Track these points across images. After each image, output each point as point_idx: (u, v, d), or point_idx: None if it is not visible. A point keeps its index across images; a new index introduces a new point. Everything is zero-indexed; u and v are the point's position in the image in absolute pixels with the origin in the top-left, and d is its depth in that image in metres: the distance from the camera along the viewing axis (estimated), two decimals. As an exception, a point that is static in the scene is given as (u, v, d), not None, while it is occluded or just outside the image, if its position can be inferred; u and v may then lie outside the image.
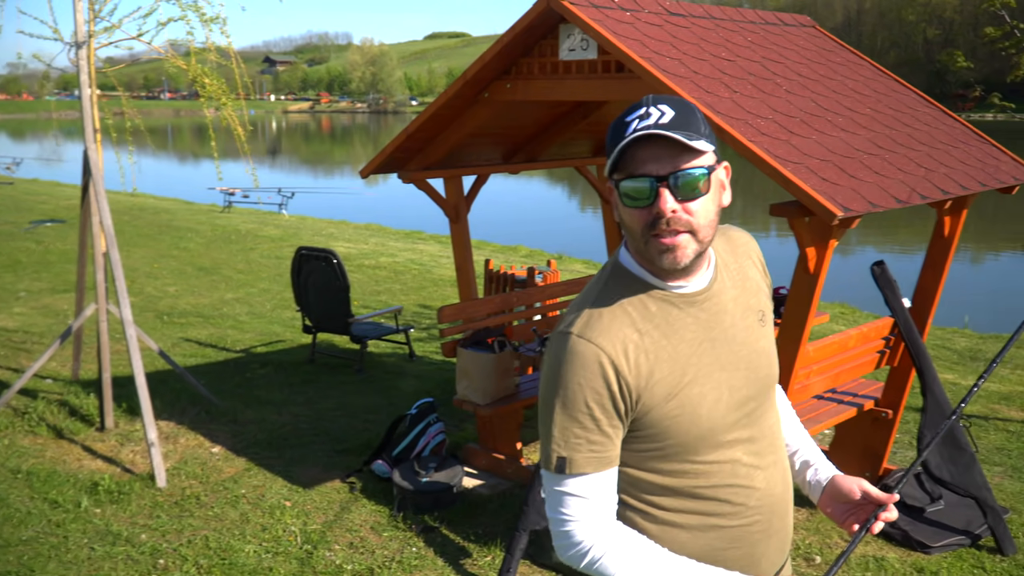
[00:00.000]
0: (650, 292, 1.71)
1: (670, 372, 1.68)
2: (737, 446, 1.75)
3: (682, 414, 1.68)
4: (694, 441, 1.70)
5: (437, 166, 5.41)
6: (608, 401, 1.65)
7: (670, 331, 1.70)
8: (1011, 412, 6.87)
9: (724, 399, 1.72)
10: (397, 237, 17.74)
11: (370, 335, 7.78)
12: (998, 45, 6.31)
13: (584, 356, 1.65)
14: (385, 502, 5.03)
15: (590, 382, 1.64)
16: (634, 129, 1.61)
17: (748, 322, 1.80)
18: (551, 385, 1.69)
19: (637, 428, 1.70)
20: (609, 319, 1.68)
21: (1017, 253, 18.69)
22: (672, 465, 1.73)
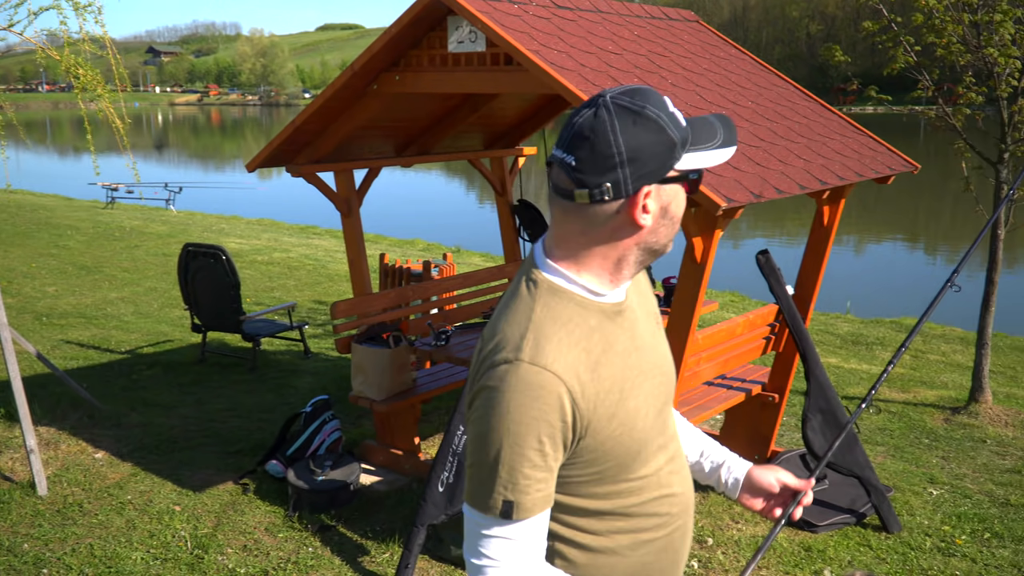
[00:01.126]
0: (586, 306, 1.59)
1: (610, 389, 1.57)
2: (660, 455, 1.71)
3: (623, 432, 1.59)
4: (631, 458, 1.63)
5: (327, 159, 5.32)
6: (560, 434, 1.51)
7: (608, 346, 1.60)
8: (892, 394, 7.19)
9: (651, 410, 1.66)
10: (291, 232, 17.41)
11: (263, 333, 7.61)
12: (876, 39, 6.53)
13: (539, 387, 1.48)
14: (280, 503, 4.93)
15: (546, 415, 1.49)
16: (688, 119, 1.57)
17: (651, 327, 1.75)
18: (497, 421, 1.49)
19: (578, 455, 1.58)
20: (557, 342, 1.53)
21: (897, 241, 19.56)
22: (607, 487, 1.63)
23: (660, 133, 1.50)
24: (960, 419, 6.46)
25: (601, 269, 1.60)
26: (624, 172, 1.50)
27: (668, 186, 1.55)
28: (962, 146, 6.48)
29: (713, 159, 1.58)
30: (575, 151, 1.52)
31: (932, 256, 18.27)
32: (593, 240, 1.57)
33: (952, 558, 4.47)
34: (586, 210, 1.54)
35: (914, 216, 22.41)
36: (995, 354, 8.43)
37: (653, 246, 1.61)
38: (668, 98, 1.56)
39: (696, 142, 1.55)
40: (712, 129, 1.58)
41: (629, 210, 1.53)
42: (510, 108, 6.32)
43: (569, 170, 1.52)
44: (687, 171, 1.56)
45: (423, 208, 23.87)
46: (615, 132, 1.49)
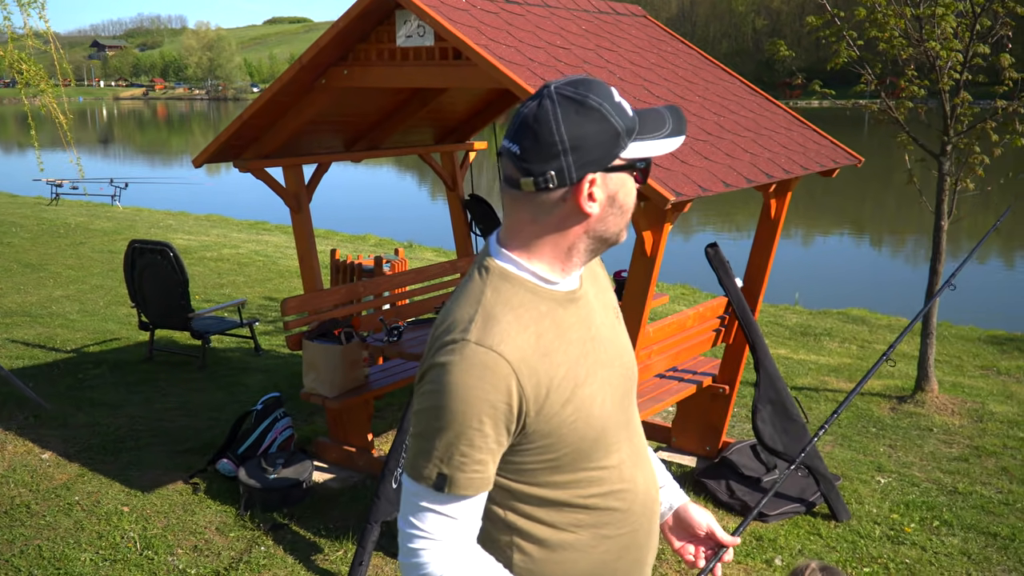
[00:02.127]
0: (537, 292, 1.61)
1: (565, 375, 1.58)
2: (622, 447, 1.70)
3: (578, 419, 1.59)
4: (589, 446, 1.62)
5: (275, 154, 5.26)
6: (503, 416, 1.52)
7: (560, 332, 1.60)
8: (840, 383, 7.31)
9: (608, 398, 1.66)
10: (240, 228, 17.19)
11: (212, 330, 7.51)
12: (819, 34, 6.61)
13: (484, 367, 1.50)
14: (231, 502, 4.88)
15: (488, 396, 1.50)
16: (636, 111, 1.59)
17: (610, 319, 1.75)
18: (440, 398, 1.51)
19: (531, 440, 1.58)
20: (507, 324, 1.54)
21: (844, 233, 19.89)
22: (565, 476, 1.63)
23: (603, 122, 1.53)
24: (907, 408, 6.59)
25: (552, 257, 1.61)
26: (567, 160, 1.53)
27: (615, 175, 1.58)
28: (905, 139, 6.59)
29: (661, 148, 1.61)
30: (520, 140, 1.55)
31: (878, 248, 18.61)
32: (542, 228, 1.59)
33: (901, 546, 4.55)
34: (533, 198, 1.57)
35: (860, 208, 22.81)
36: (940, 344, 8.62)
37: (603, 234, 1.62)
38: (615, 89, 1.59)
39: (644, 131, 1.58)
40: (661, 119, 1.61)
41: (575, 198, 1.56)
42: (460, 103, 6.30)
43: (515, 159, 1.56)
44: (633, 160, 1.58)
45: (375, 203, 23.73)
46: (557, 121, 1.52)
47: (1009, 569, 4.35)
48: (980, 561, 4.42)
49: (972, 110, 6.28)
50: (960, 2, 6.04)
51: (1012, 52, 6.26)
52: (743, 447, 5.41)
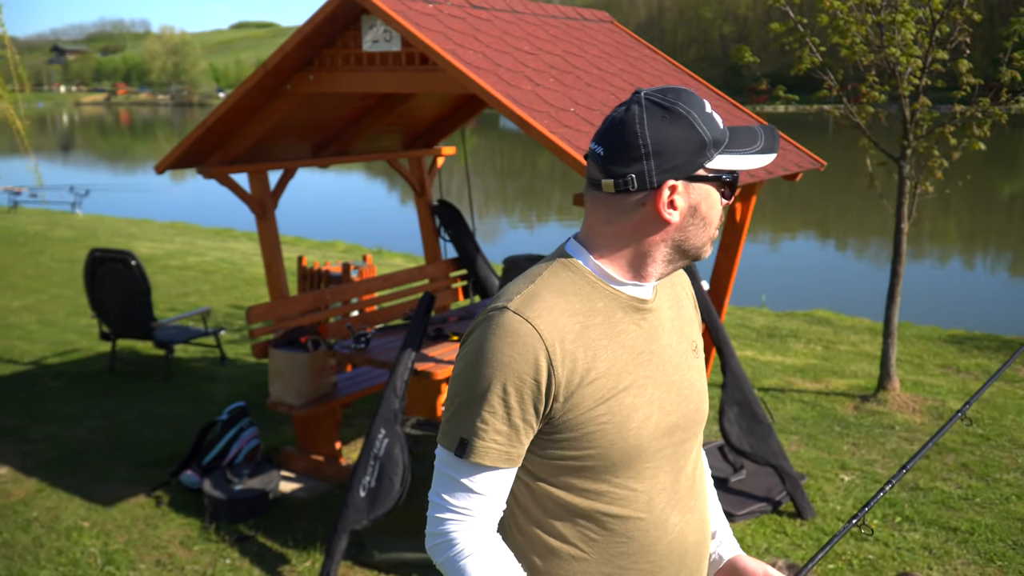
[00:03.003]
0: (597, 288, 1.59)
1: (606, 374, 1.55)
2: (659, 477, 1.64)
3: (610, 423, 1.55)
4: (618, 456, 1.58)
5: (240, 160, 5.22)
6: (529, 391, 1.51)
7: (612, 332, 1.58)
8: (804, 384, 7.37)
9: (654, 419, 1.60)
10: (206, 235, 17.03)
11: (176, 339, 7.42)
12: (783, 40, 6.67)
13: (515, 335, 1.50)
14: (196, 514, 4.82)
15: (514, 364, 1.49)
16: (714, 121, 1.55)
17: (682, 348, 1.71)
18: (471, 359, 1.53)
19: (558, 430, 1.55)
20: (552, 302, 1.54)
21: (810, 235, 20.09)
22: (587, 483, 1.59)
23: (689, 129, 1.52)
24: (869, 407, 6.67)
25: (625, 261, 1.60)
26: (649, 164, 1.52)
27: (698, 185, 1.56)
28: (866, 143, 6.68)
29: (750, 163, 1.58)
30: (605, 142, 1.56)
31: (842, 250, 18.82)
32: (618, 230, 1.58)
33: (865, 542, 4.60)
34: (612, 200, 1.57)
35: (825, 211, 23.06)
36: (902, 343, 8.72)
37: (682, 245, 1.60)
38: (708, 101, 1.58)
39: (733, 145, 1.56)
40: (753, 135, 1.59)
41: (654, 203, 1.55)
42: (427, 108, 6.29)
43: (598, 159, 1.57)
44: (719, 171, 1.56)
45: (343, 209, 23.61)
46: (643, 124, 1.52)
47: (968, 562, 4.42)
48: (941, 555, 4.48)
49: (931, 115, 6.38)
50: (920, 9, 6.13)
51: (970, 58, 6.37)
52: (710, 448, 5.44)
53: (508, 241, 18.64)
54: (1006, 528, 4.77)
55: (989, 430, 6.25)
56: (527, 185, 32.48)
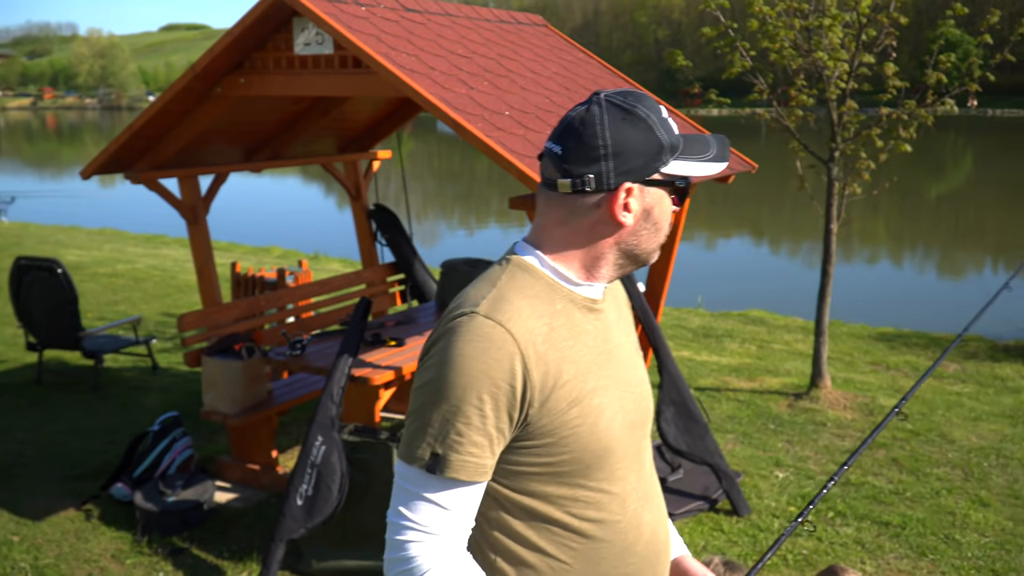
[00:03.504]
0: (555, 289, 1.56)
1: (575, 375, 1.52)
2: (628, 478, 1.62)
3: (583, 425, 1.52)
4: (591, 459, 1.54)
5: (170, 165, 5.11)
6: (505, 398, 1.45)
7: (574, 334, 1.55)
8: (740, 383, 7.49)
9: (619, 418, 1.59)
10: (136, 242, 16.67)
11: (105, 349, 7.25)
12: (715, 45, 6.77)
13: (489, 340, 1.44)
14: (128, 527, 4.71)
15: (490, 371, 1.43)
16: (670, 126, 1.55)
17: (630, 347, 1.71)
18: (440, 370, 1.46)
19: (530, 436, 1.50)
20: (519, 306, 1.49)
21: (744, 236, 20.43)
22: (562, 489, 1.54)
23: (648, 132, 1.52)
24: (802, 404, 6.80)
25: (577, 262, 1.58)
26: (608, 165, 1.51)
27: (653, 189, 1.55)
28: (796, 146, 6.81)
29: (702, 170, 1.58)
30: (563, 141, 1.54)
31: (775, 251, 19.17)
32: (572, 232, 1.56)
33: (799, 538, 4.68)
34: (568, 200, 1.55)
35: (759, 213, 23.47)
36: (833, 342, 8.91)
37: (634, 249, 1.59)
38: (664, 106, 1.59)
39: (688, 152, 1.56)
40: (706, 143, 1.59)
41: (610, 205, 1.53)
42: (362, 111, 6.24)
43: (555, 159, 1.54)
44: (673, 176, 1.56)
45: (280, 214, 23.31)
46: (603, 125, 1.51)
47: (901, 556, 4.53)
48: (874, 550, 4.59)
49: (858, 118, 6.53)
50: (847, 13, 6.27)
51: (897, 61, 6.53)
52: (649, 450, 5.49)
53: (446, 245, 18.60)
54: (937, 522, 4.89)
55: (919, 425, 6.41)
56: (465, 189, 32.46)
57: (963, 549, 4.59)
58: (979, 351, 8.95)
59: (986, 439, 6.19)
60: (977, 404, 7.04)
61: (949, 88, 6.45)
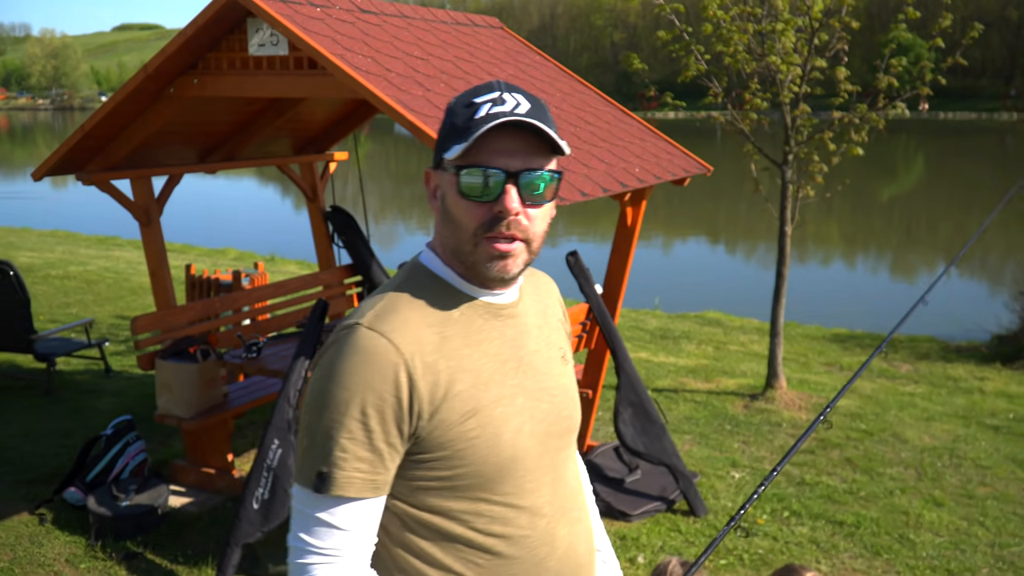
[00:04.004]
0: (454, 295, 1.50)
1: (472, 385, 1.45)
2: (540, 492, 1.53)
3: (482, 436, 1.45)
4: (493, 472, 1.47)
5: (122, 166, 5.04)
6: (391, 411, 1.39)
7: (472, 341, 1.48)
8: (696, 384, 7.56)
9: (527, 429, 1.51)
10: (89, 244, 16.41)
11: (58, 352, 7.13)
12: (670, 48, 6.82)
13: (372, 351, 1.39)
14: (81, 532, 4.64)
15: (373, 384, 1.38)
16: (488, 114, 1.41)
17: (551, 355, 1.62)
18: (324, 384, 1.41)
19: (425, 450, 1.43)
20: (406, 315, 1.44)
21: (701, 238, 20.61)
22: (463, 504, 1.47)
23: (447, 116, 1.49)
24: (758, 405, 6.88)
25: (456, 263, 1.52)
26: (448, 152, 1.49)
27: (443, 175, 1.50)
28: (751, 149, 6.89)
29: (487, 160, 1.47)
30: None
31: (731, 253, 19.39)
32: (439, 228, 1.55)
33: (755, 538, 4.74)
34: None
35: (715, 215, 23.71)
36: (788, 343, 9.03)
37: (455, 249, 1.50)
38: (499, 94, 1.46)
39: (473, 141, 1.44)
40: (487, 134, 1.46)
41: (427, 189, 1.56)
42: (318, 112, 6.21)
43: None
44: (454, 164, 1.46)
45: (235, 215, 23.08)
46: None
47: (856, 555, 4.60)
48: (828, 549, 4.65)
49: (811, 121, 6.63)
50: (799, 18, 6.36)
51: (849, 65, 6.64)
52: (606, 449, 5.52)
53: (405, 247, 18.54)
54: (891, 521, 4.97)
55: (872, 425, 6.52)
56: (423, 191, 31.95)
57: (917, 549, 4.67)
58: (931, 352, 9.14)
59: (939, 439, 6.31)
60: (930, 404, 7.18)
61: (900, 92, 6.57)
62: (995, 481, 5.58)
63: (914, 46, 28.82)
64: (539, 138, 1.44)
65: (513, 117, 1.40)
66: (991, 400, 7.37)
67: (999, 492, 5.41)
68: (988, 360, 8.76)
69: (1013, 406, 7.18)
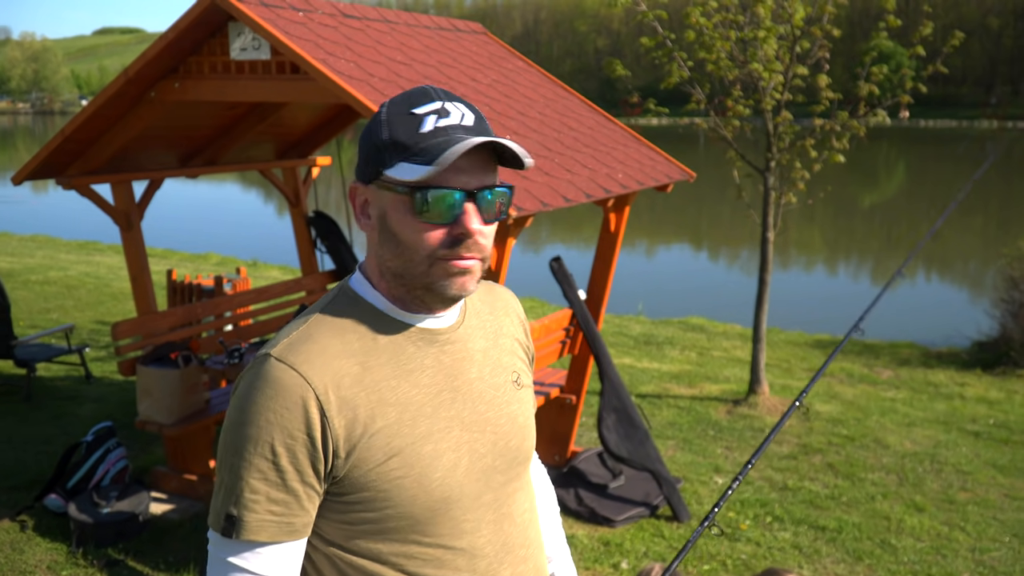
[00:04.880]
0: (383, 321, 1.38)
1: (397, 421, 1.33)
2: (480, 531, 1.42)
3: (407, 476, 1.33)
4: (423, 513, 1.36)
5: (103, 170, 5.01)
6: (303, 448, 1.28)
7: (400, 371, 1.36)
8: (680, 389, 7.58)
9: (463, 465, 1.39)
10: (69, 249, 16.29)
11: (38, 358, 7.07)
12: (652, 55, 6.85)
13: (279, 385, 1.28)
14: (63, 539, 4.59)
15: (282, 420, 1.27)
16: (437, 127, 1.31)
17: (498, 381, 1.48)
18: (234, 418, 1.30)
19: (346, 491, 1.33)
20: (323, 344, 1.32)
21: (684, 244, 20.68)
22: (394, 546, 1.36)
23: (376, 127, 1.35)
24: (741, 410, 6.90)
25: (386, 285, 1.40)
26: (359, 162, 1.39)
27: (384, 193, 1.35)
28: (734, 155, 6.93)
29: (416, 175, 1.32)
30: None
31: (714, 259, 19.45)
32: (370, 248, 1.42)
33: (737, 543, 4.75)
34: None
35: (698, 221, 23.79)
36: (770, 348, 9.07)
37: (393, 268, 1.36)
38: (441, 104, 1.34)
39: (421, 156, 1.31)
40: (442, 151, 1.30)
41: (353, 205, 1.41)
42: (301, 117, 6.19)
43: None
44: (397, 182, 1.32)
45: (217, 220, 22.98)
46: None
47: (838, 560, 4.61)
48: (811, 554, 4.67)
49: (793, 128, 6.67)
50: (781, 26, 6.40)
51: (831, 72, 6.68)
52: (590, 455, 5.52)
53: (389, 252, 18.47)
54: (873, 526, 4.99)
55: (854, 431, 6.55)
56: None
57: (899, 554, 4.69)
58: (912, 358, 9.20)
59: (920, 444, 6.35)
60: (911, 410, 7.22)
61: (881, 100, 6.62)
62: (976, 486, 5.61)
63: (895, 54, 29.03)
64: (489, 151, 1.34)
65: (482, 138, 1.29)
66: (971, 406, 7.42)
67: (980, 497, 5.44)
68: (969, 366, 8.82)
69: (993, 412, 7.23)
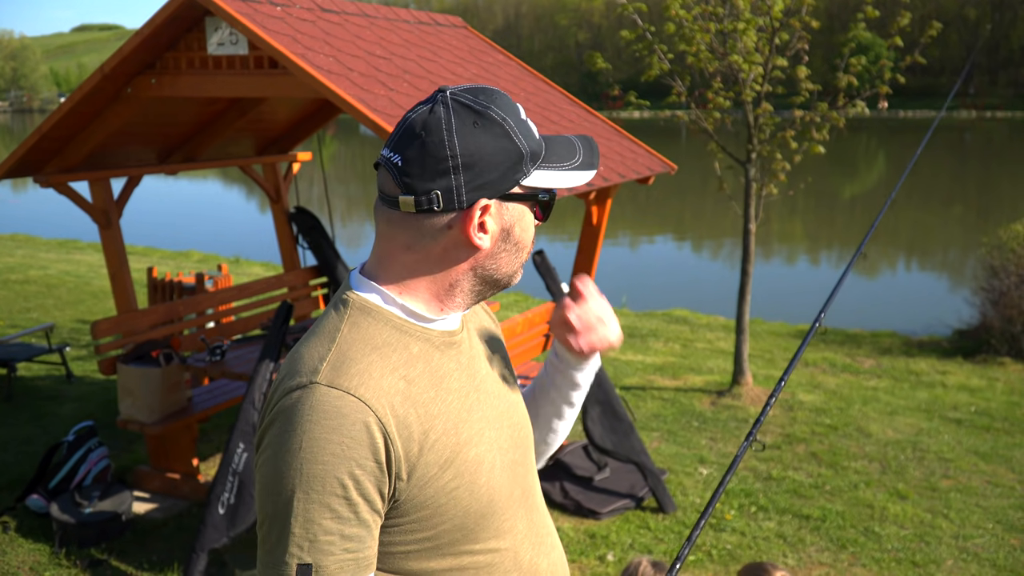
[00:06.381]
0: (407, 331, 1.33)
1: (444, 432, 1.30)
2: (516, 526, 1.42)
3: (460, 486, 1.30)
4: (474, 522, 1.33)
5: (80, 168, 4.96)
6: (371, 478, 1.21)
7: (436, 379, 1.33)
8: (664, 381, 7.59)
9: (498, 464, 1.38)
10: (49, 247, 16.15)
11: (18, 357, 7.01)
12: (633, 47, 6.85)
13: (339, 415, 1.20)
14: (45, 539, 4.56)
15: (348, 451, 1.19)
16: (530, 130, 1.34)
17: (498, 373, 1.49)
18: (285, 463, 1.20)
19: (403, 513, 1.28)
20: (366, 364, 1.26)
21: (667, 237, 20.72)
22: (445, 562, 1.33)
23: (505, 139, 1.29)
24: (725, 401, 6.92)
25: (428, 293, 1.35)
26: (458, 179, 1.27)
27: (512, 204, 1.33)
28: (715, 148, 6.94)
29: (568, 180, 1.37)
30: (403, 150, 1.29)
31: (697, 251, 19.49)
32: (421, 258, 1.33)
33: (723, 533, 4.77)
34: (413, 221, 1.31)
35: (681, 213, 23.85)
36: (753, 339, 9.10)
37: (493, 274, 1.37)
38: (521, 106, 1.36)
39: (550, 159, 1.34)
40: (571, 148, 1.38)
41: (463, 226, 1.30)
42: (281, 113, 6.16)
43: (395, 171, 1.29)
44: (536, 190, 1.35)
45: (199, 217, 22.84)
46: (451, 131, 1.26)
47: (822, 549, 4.64)
48: (795, 543, 4.69)
49: (773, 120, 6.68)
50: (760, 18, 6.41)
51: (810, 64, 6.70)
52: (575, 448, 5.53)
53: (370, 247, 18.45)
54: (856, 515, 5.02)
55: (837, 420, 6.59)
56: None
57: (883, 541, 4.72)
58: (894, 347, 9.25)
59: (902, 433, 6.39)
60: (893, 399, 7.27)
61: (860, 91, 6.64)
62: (958, 474, 5.66)
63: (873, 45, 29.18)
64: None
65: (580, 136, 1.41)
66: (953, 394, 7.47)
67: (962, 484, 5.48)
68: (950, 354, 8.88)
69: (974, 399, 7.29)
